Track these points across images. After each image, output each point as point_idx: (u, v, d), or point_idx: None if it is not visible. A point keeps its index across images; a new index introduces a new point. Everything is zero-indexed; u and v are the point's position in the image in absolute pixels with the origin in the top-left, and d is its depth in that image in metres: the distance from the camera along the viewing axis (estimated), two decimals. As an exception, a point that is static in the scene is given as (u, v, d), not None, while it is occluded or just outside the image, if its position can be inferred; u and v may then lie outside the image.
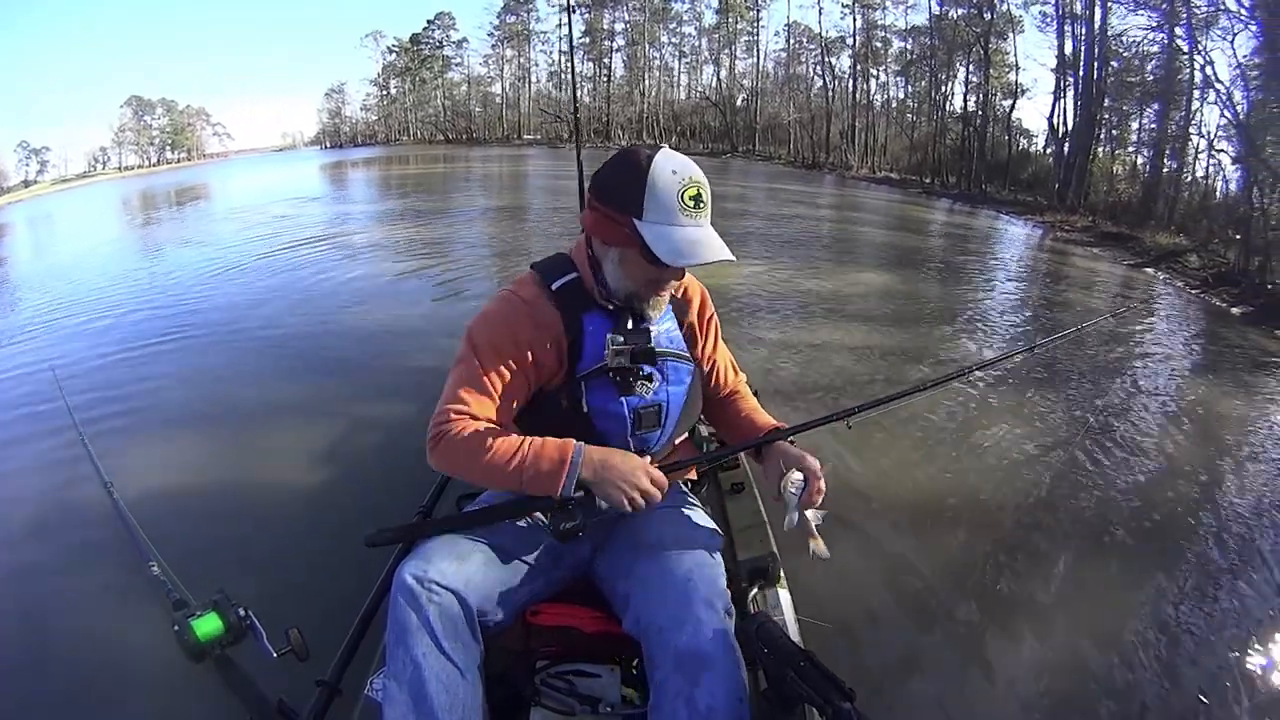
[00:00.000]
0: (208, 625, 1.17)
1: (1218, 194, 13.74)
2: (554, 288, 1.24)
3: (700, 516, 1.32)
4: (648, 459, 1.21)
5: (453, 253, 8.97)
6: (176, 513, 2.62)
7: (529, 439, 1.15)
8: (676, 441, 1.37)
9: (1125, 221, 14.68)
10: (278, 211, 13.51)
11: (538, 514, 1.19)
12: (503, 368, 1.19)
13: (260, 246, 9.35)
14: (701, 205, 1.13)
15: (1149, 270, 10.99)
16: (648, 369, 1.24)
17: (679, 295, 1.33)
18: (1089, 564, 2.63)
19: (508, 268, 7.74)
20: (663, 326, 1.29)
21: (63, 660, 1.97)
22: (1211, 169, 14.56)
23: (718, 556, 1.21)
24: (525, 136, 40.64)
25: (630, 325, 1.24)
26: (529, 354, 1.21)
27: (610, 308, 1.25)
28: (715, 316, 1.44)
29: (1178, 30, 14.87)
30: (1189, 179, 15.73)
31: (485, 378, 1.19)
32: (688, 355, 1.33)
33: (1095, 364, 5.25)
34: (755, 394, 1.53)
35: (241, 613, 1.21)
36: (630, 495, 1.13)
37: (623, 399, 1.24)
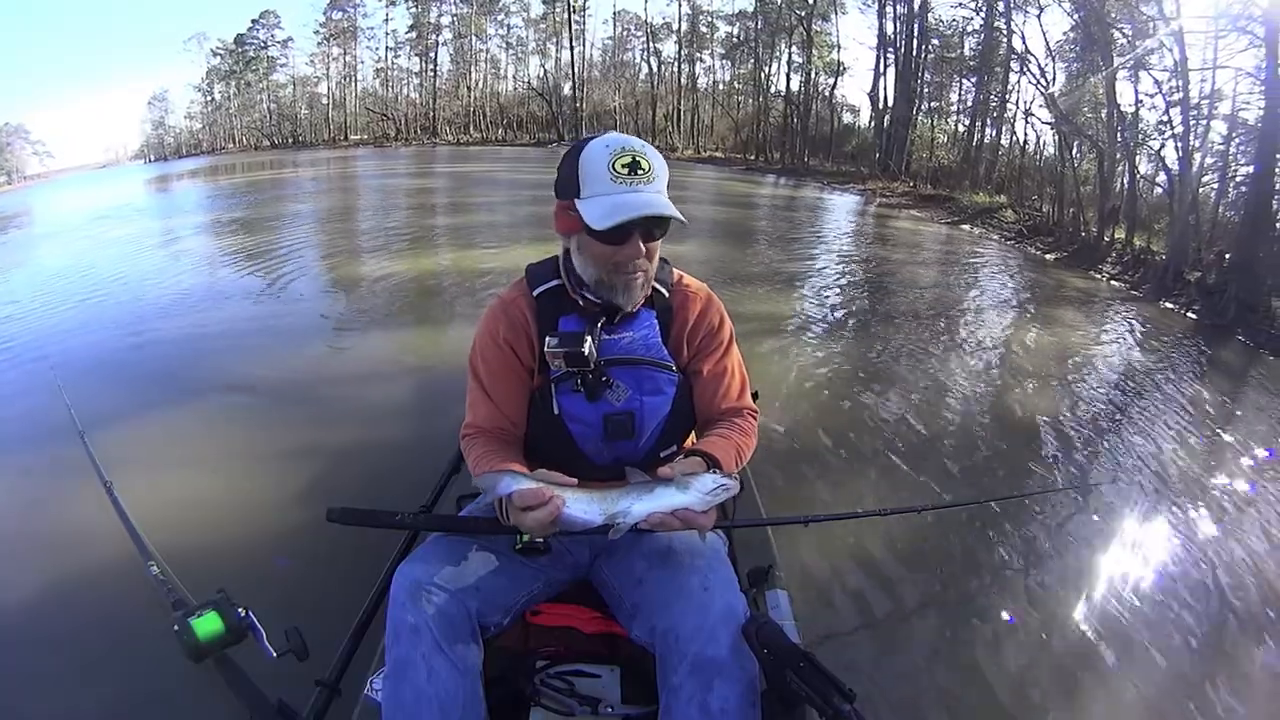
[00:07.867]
0: (208, 625, 1.14)
1: (1039, 157, 14.69)
2: (535, 294, 1.26)
3: None
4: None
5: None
6: (176, 512, 2.47)
7: (484, 462, 1.15)
8: (663, 454, 1.29)
9: (945, 185, 15.10)
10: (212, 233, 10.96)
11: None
12: (492, 374, 1.25)
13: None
14: (640, 172, 1.10)
15: (965, 227, 11.40)
16: (615, 376, 1.22)
17: (674, 300, 1.29)
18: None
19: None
20: (640, 332, 1.25)
21: (62, 661, 1.88)
22: (1028, 134, 15.55)
23: (727, 561, 1.20)
24: (352, 138, 37.78)
25: (605, 327, 1.22)
26: (512, 350, 1.24)
27: (583, 304, 1.23)
28: (728, 329, 1.33)
29: (998, 8, 15.96)
30: (1007, 144, 16.72)
31: (482, 389, 1.26)
32: (668, 364, 1.26)
33: (921, 306, 5.52)
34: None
35: (241, 613, 1.17)
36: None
37: (592, 405, 1.22)
